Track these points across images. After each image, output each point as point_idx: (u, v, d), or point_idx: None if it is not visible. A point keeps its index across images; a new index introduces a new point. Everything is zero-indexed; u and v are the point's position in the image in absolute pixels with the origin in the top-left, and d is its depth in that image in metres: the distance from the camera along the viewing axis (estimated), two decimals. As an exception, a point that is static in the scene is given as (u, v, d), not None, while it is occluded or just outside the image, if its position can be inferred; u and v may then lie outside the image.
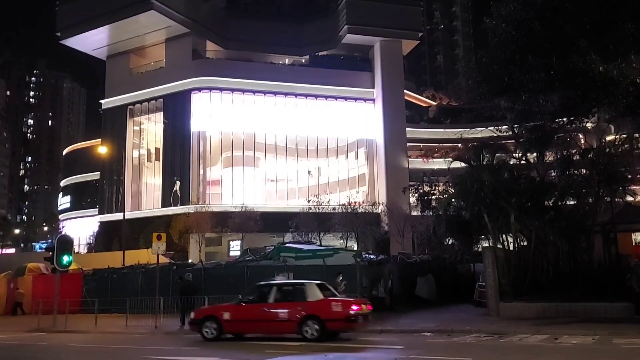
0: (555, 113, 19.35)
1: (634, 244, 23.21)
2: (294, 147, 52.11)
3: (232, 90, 50.21)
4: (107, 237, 48.97)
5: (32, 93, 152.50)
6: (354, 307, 13.83)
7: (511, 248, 20.74)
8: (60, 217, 70.16)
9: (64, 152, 74.07)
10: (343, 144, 53.55)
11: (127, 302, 18.90)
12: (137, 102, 52.84)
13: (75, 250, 36.89)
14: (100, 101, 55.88)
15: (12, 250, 79.89)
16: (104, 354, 13.44)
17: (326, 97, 51.98)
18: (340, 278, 18.87)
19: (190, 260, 36.95)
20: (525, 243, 20.58)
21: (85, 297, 23.35)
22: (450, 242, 31.01)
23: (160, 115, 51.61)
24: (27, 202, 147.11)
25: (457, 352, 11.77)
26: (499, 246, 20.34)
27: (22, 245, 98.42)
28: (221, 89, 50.01)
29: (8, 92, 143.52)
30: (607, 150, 20.66)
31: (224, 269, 23.97)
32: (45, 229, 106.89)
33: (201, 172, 49.83)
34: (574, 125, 21.00)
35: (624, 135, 20.90)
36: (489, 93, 19.83)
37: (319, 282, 15.06)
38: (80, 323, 19.34)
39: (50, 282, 21.74)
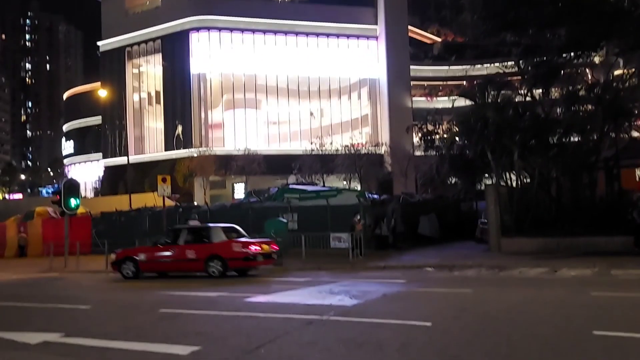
0: (562, 48, 18.97)
1: (637, 179, 23.24)
2: (295, 88, 51.41)
3: (231, 29, 49.01)
4: (112, 181, 49.46)
5: (27, 37, 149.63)
6: (253, 247, 14.90)
7: (514, 185, 20.85)
8: (65, 162, 70.58)
9: (64, 97, 73.48)
10: (345, 84, 52.77)
11: (135, 243, 19.31)
12: (134, 44, 51.83)
13: (82, 195, 37.28)
14: (98, 43, 54.84)
15: (19, 196, 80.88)
16: (117, 290, 13.90)
17: (327, 35, 50.78)
18: (358, 217, 19.17)
19: (195, 203, 37.43)
20: (528, 180, 20.65)
21: (95, 239, 23.86)
22: (453, 181, 31.16)
23: (159, 57, 50.73)
24: (30, 148, 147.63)
25: (458, 284, 12.08)
26: (502, 184, 20.43)
27: (28, 190, 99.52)
28: (220, 29, 48.83)
29: (3, 36, 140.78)
30: (614, 85, 20.31)
31: (229, 211, 24.30)
32: (51, 174, 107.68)
33: (203, 115, 49.48)
34: (580, 60, 20.56)
35: (632, 70, 20.48)
36: (495, 28, 19.35)
37: (226, 225, 16.19)
38: (91, 264, 19.84)
39: (60, 225, 22.11)
